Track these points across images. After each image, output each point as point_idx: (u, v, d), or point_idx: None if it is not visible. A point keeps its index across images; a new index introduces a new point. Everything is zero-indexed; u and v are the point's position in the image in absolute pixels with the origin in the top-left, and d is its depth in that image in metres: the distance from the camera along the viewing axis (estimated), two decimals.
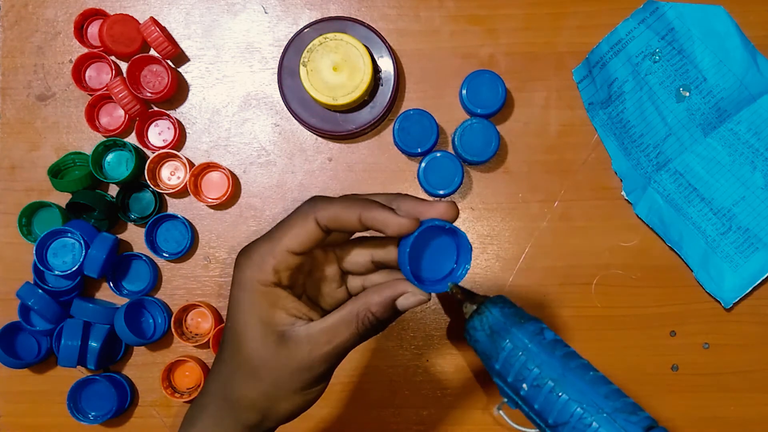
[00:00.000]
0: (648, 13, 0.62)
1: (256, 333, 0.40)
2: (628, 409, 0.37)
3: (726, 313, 0.64)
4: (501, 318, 0.39)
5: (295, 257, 0.39)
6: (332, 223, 0.39)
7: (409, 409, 0.64)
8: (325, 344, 0.40)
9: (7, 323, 0.63)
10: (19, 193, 0.66)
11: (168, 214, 0.64)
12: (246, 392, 0.41)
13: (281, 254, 0.39)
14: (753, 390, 0.63)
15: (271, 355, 0.40)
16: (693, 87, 0.61)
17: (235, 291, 0.40)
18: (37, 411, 0.65)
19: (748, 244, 0.61)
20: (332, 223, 0.39)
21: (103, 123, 0.66)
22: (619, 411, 0.36)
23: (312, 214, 0.39)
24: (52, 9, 0.67)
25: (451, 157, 0.63)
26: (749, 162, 0.60)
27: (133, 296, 0.64)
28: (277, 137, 0.66)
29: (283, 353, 0.40)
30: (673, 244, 0.62)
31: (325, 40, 0.61)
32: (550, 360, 0.38)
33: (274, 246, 0.39)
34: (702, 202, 0.61)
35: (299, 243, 0.39)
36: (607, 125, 0.64)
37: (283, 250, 0.39)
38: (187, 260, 0.66)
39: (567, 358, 0.38)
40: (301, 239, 0.39)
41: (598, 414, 0.36)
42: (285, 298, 0.40)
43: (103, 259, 0.61)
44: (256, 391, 0.40)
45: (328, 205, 0.39)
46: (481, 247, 0.65)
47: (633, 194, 0.63)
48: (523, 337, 0.39)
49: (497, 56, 0.66)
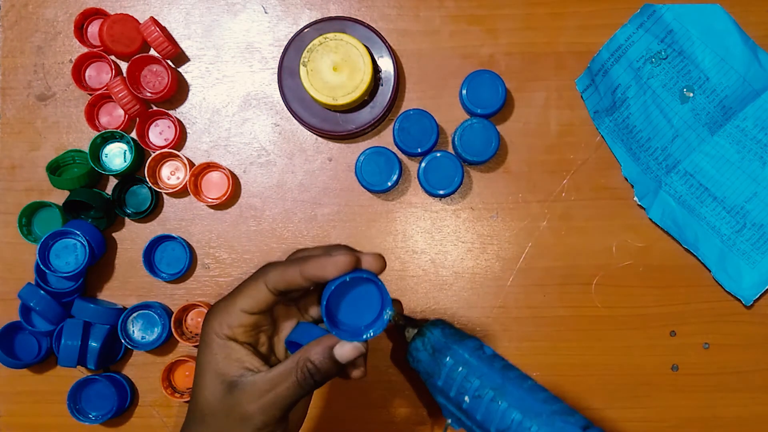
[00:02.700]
0: (646, 17, 0.62)
1: (209, 381, 0.43)
2: (565, 411, 0.38)
3: (726, 313, 0.64)
4: (442, 338, 0.41)
5: (249, 316, 0.43)
6: (280, 285, 0.42)
7: (408, 409, 0.64)
8: (266, 392, 0.42)
9: (8, 323, 0.63)
10: (19, 193, 0.66)
11: (166, 235, 0.64)
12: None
13: (235, 313, 0.43)
14: (753, 390, 0.63)
15: (218, 402, 0.42)
16: (696, 87, 0.61)
17: (200, 344, 0.44)
18: (37, 411, 0.66)
19: (763, 240, 0.61)
20: (280, 284, 0.42)
21: (103, 122, 0.66)
22: (557, 413, 0.38)
23: (262, 279, 0.42)
24: (52, 9, 0.67)
25: (451, 157, 0.63)
26: (758, 157, 0.60)
27: (170, 278, 0.65)
28: (277, 137, 0.66)
29: (228, 401, 0.42)
30: (690, 246, 0.62)
31: (325, 40, 0.61)
32: (490, 372, 0.40)
33: (229, 305, 0.43)
34: (714, 202, 0.61)
35: (250, 305, 0.43)
36: (613, 132, 0.64)
37: (237, 309, 0.43)
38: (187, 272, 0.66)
39: (505, 369, 0.40)
40: (252, 301, 0.43)
41: (537, 417, 0.37)
42: (239, 351, 0.43)
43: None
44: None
45: (275, 270, 0.42)
46: (481, 247, 0.65)
47: (645, 199, 0.63)
48: (464, 353, 0.41)
49: (497, 56, 0.66)
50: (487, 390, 0.39)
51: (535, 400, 0.38)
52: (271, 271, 0.42)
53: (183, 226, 0.66)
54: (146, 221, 0.66)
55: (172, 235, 0.64)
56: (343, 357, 0.43)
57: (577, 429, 0.37)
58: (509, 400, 0.38)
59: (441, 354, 0.41)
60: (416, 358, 0.42)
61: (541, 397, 0.39)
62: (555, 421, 0.37)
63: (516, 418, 0.38)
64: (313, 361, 0.42)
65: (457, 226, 0.65)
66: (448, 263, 0.65)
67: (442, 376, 0.41)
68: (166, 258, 0.65)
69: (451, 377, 0.40)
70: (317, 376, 0.42)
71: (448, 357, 0.41)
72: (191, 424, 0.44)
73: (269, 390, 0.42)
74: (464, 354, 0.41)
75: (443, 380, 0.41)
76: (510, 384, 0.39)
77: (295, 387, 0.42)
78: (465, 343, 0.41)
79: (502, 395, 0.39)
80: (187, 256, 0.64)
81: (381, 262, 0.43)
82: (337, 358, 0.42)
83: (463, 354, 0.40)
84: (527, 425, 0.37)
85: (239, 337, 0.43)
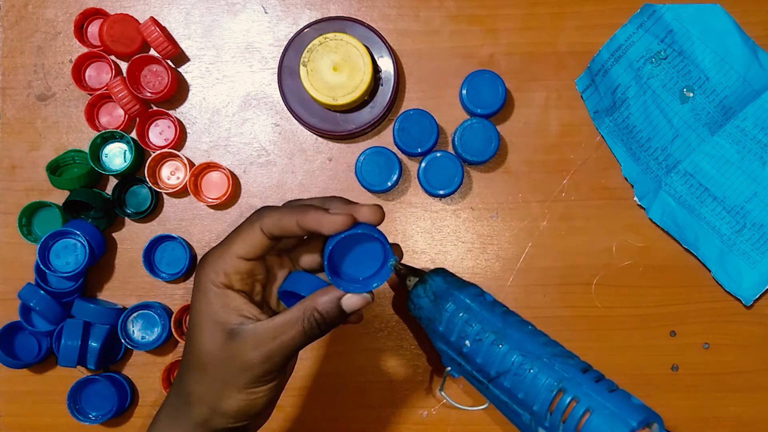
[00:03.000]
0: (646, 17, 0.62)
1: (207, 330, 0.42)
2: (565, 354, 0.39)
3: (726, 313, 0.64)
4: (443, 284, 0.42)
5: (245, 262, 0.43)
6: (275, 230, 0.42)
7: (409, 409, 0.64)
8: (269, 341, 0.42)
9: (7, 323, 0.63)
10: (19, 193, 0.66)
11: (166, 235, 0.64)
12: (195, 387, 0.43)
13: (231, 259, 0.42)
14: (753, 390, 0.63)
15: (218, 351, 0.42)
16: (696, 87, 0.61)
17: (194, 292, 0.43)
18: (37, 411, 0.66)
19: (763, 240, 0.61)
20: (275, 230, 0.42)
21: (103, 122, 0.66)
22: (557, 356, 0.38)
23: (257, 222, 0.42)
24: (52, 9, 0.67)
25: (451, 157, 0.63)
26: (758, 157, 0.60)
27: (170, 278, 0.64)
28: (277, 137, 0.66)
29: (229, 349, 0.42)
30: (690, 246, 0.62)
31: (325, 40, 0.61)
32: (491, 316, 0.40)
33: (224, 252, 0.43)
34: (714, 202, 0.61)
35: (246, 250, 0.42)
36: (613, 132, 0.64)
37: (233, 255, 0.42)
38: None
39: (506, 314, 0.41)
40: (248, 246, 0.42)
41: (537, 360, 0.38)
42: (236, 299, 0.43)
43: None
44: (203, 386, 0.43)
45: (271, 214, 0.42)
46: (481, 247, 0.65)
47: (645, 199, 0.63)
48: (465, 298, 0.41)
49: (497, 56, 0.66)
50: (488, 334, 0.39)
51: (535, 343, 0.39)
52: (267, 215, 0.42)
53: (183, 226, 0.66)
54: (146, 221, 0.66)
55: (172, 235, 0.64)
56: (350, 307, 0.42)
57: (577, 371, 0.37)
58: (510, 343, 0.39)
59: (442, 300, 0.41)
60: (418, 305, 0.42)
61: (541, 341, 0.39)
62: (555, 363, 0.38)
63: (516, 361, 0.38)
64: (321, 311, 0.42)
65: (457, 226, 0.65)
66: (448, 263, 0.65)
67: (443, 321, 0.41)
68: (166, 258, 0.65)
69: (453, 322, 0.41)
70: (323, 326, 0.42)
71: (450, 303, 0.41)
72: (190, 372, 0.43)
73: (273, 338, 0.42)
74: (465, 299, 0.41)
75: (444, 325, 0.41)
76: (510, 328, 0.39)
77: (301, 336, 0.42)
78: (466, 289, 0.41)
79: (503, 338, 0.39)
80: (187, 256, 0.64)
81: (379, 213, 0.43)
82: (345, 308, 0.42)
83: (464, 299, 0.41)
84: (527, 367, 0.38)
85: (235, 285, 0.43)
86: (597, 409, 0.35)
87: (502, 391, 0.39)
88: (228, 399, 0.42)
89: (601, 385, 0.36)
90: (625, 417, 0.34)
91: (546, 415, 0.37)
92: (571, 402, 0.36)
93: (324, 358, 0.65)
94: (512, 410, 0.39)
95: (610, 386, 0.37)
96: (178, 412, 0.44)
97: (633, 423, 0.34)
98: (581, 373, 0.37)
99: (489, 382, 0.39)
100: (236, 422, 0.43)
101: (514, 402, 0.39)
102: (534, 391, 0.37)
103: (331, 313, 0.42)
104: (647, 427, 0.36)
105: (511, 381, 0.38)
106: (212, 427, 0.43)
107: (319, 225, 0.41)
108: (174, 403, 0.44)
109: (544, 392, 0.37)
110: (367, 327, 0.65)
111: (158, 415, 0.45)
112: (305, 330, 0.42)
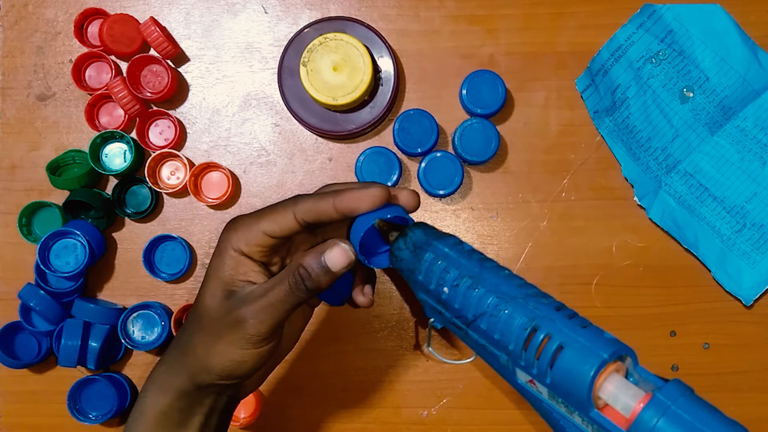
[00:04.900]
0: (646, 17, 0.62)
1: (212, 288, 0.44)
2: (539, 294, 0.39)
3: (726, 313, 0.64)
4: (423, 236, 0.43)
5: (270, 239, 0.43)
6: (310, 217, 0.42)
7: (409, 409, 0.64)
8: (259, 297, 0.42)
9: (7, 323, 0.63)
10: (19, 193, 0.66)
11: (166, 235, 0.64)
12: (192, 339, 0.44)
13: (257, 231, 0.43)
14: (753, 390, 0.63)
15: (216, 307, 0.43)
16: (696, 87, 0.61)
17: (215, 250, 0.45)
18: (37, 411, 0.66)
19: (763, 240, 0.61)
20: (310, 216, 0.42)
21: (103, 122, 0.66)
22: (531, 296, 0.39)
23: (291, 208, 0.43)
24: (52, 9, 0.67)
25: (451, 157, 0.63)
26: (758, 158, 0.60)
27: (170, 278, 0.65)
28: (277, 137, 0.66)
29: (225, 306, 0.43)
30: (690, 246, 0.62)
31: (325, 40, 0.61)
32: (468, 263, 0.41)
33: (253, 223, 0.43)
34: (714, 202, 0.61)
35: (273, 229, 0.43)
36: (613, 132, 0.64)
37: (260, 229, 0.43)
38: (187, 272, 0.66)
39: (483, 260, 0.41)
40: (276, 226, 0.43)
41: (512, 300, 0.39)
42: (248, 266, 0.43)
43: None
44: (198, 340, 0.44)
45: (306, 201, 0.43)
46: (481, 247, 0.65)
47: (645, 199, 0.63)
48: (444, 247, 0.42)
49: (497, 56, 0.66)
50: (465, 278, 0.40)
51: (510, 285, 0.39)
52: (302, 202, 0.43)
53: (183, 226, 0.66)
54: (146, 221, 0.66)
55: (172, 235, 0.64)
56: (333, 263, 0.43)
57: (551, 309, 0.38)
58: (486, 287, 0.39)
59: (422, 250, 0.42)
60: (398, 257, 0.43)
61: (516, 283, 0.40)
62: (529, 303, 0.38)
63: (492, 302, 0.39)
64: (305, 266, 0.42)
65: (457, 226, 0.65)
66: None
67: (422, 270, 0.42)
68: (166, 258, 0.65)
69: (431, 270, 0.41)
70: (309, 282, 0.43)
71: (429, 252, 0.42)
72: (190, 324, 0.45)
73: (262, 295, 0.42)
74: (444, 248, 0.42)
75: (423, 274, 0.42)
76: (487, 272, 0.40)
77: (287, 292, 0.42)
78: (445, 239, 0.42)
79: (479, 282, 0.40)
80: (187, 256, 0.64)
81: (416, 198, 0.44)
82: (327, 262, 0.43)
83: (443, 248, 0.42)
84: (502, 308, 0.38)
85: (255, 256, 0.43)
86: (569, 343, 0.36)
87: (480, 334, 0.40)
88: (216, 355, 0.43)
89: (573, 322, 0.37)
90: (596, 350, 0.35)
91: (521, 354, 0.38)
92: (544, 339, 0.37)
93: (324, 358, 0.65)
94: (490, 353, 0.40)
95: (583, 323, 0.37)
96: (174, 360, 0.45)
97: (604, 355, 0.35)
98: (554, 311, 0.38)
99: (467, 326, 0.41)
100: (221, 380, 0.44)
101: (491, 344, 0.40)
102: (509, 330, 0.38)
103: (315, 269, 0.42)
104: (620, 360, 0.36)
105: (488, 323, 0.39)
106: (198, 381, 0.44)
107: (357, 202, 0.42)
108: (173, 353, 0.46)
109: (518, 331, 0.38)
110: (367, 327, 0.65)
111: (161, 359, 0.46)
112: (291, 286, 0.42)
